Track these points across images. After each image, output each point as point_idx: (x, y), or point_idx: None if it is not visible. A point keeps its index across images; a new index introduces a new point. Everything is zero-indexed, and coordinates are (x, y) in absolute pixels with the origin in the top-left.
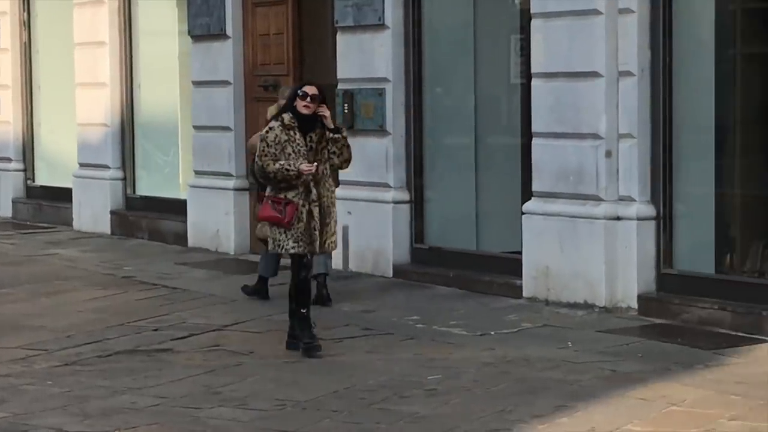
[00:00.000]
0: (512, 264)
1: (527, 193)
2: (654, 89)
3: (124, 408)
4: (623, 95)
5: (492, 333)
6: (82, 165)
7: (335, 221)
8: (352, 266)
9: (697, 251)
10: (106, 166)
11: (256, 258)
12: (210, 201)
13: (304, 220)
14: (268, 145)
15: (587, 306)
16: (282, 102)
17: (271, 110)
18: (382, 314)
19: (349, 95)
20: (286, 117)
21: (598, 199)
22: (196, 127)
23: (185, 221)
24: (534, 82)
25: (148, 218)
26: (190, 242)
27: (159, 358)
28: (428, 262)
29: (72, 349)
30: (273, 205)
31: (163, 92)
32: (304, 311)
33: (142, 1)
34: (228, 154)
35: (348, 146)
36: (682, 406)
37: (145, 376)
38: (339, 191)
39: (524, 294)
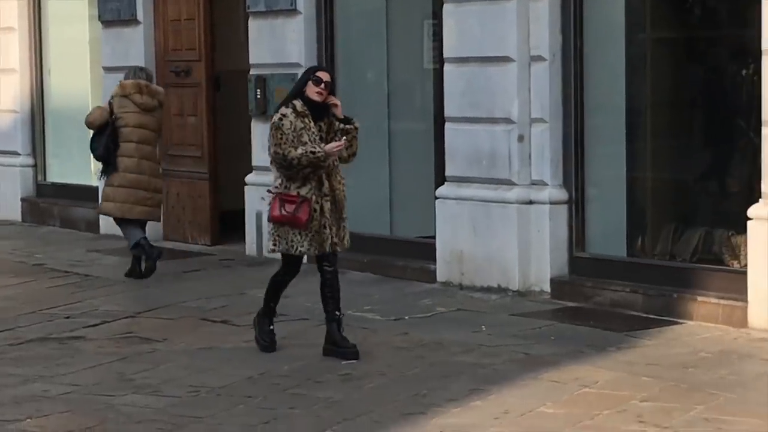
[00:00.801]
0: (426, 249)
1: (440, 178)
2: (565, 73)
3: (36, 396)
4: (535, 79)
5: (406, 317)
6: None
7: (347, 216)
8: (266, 253)
9: (609, 235)
10: (16, 153)
11: (170, 245)
12: None
13: (317, 218)
14: (284, 133)
15: (501, 290)
16: (128, 82)
17: (116, 90)
18: (296, 300)
19: (261, 81)
20: (298, 104)
21: (510, 183)
22: None
23: (97, 208)
24: (446, 67)
25: (59, 205)
26: (102, 229)
27: (71, 346)
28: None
29: None
30: (284, 205)
31: (73, 78)
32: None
33: None
34: None
35: (357, 140)
36: (594, 388)
37: (57, 364)
38: (251, 177)
39: (438, 278)
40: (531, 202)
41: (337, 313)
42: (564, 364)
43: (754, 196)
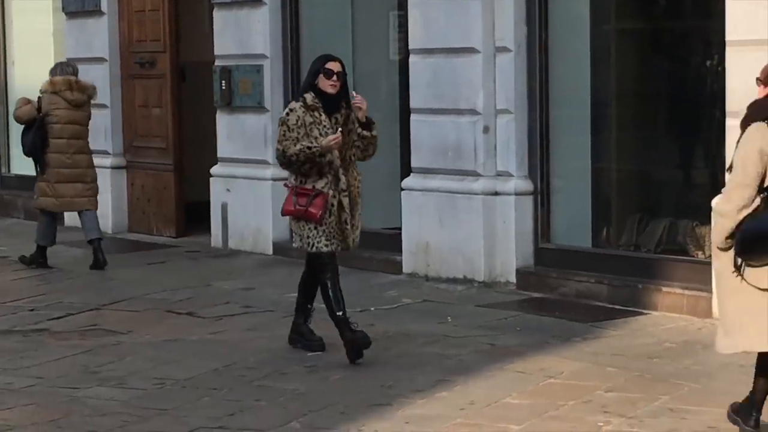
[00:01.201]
0: (392, 240)
1: (406, 169)
2: (530, 65)
3: (0, 389)
4: (500, 71)
5: (372, 309)
6: None
7: (361, 213)
8: (232, 244)
9: (574, 226)
10: None
11: (135, 237)
12: None
13: (336, 213)
14: (289, 129)
15: (466, 281)
16: (58, 79)
17: (45, 87)
18: (262, 292)
19: (226, 72)
20: (309, 97)
21: (476, 174)
22: None
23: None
24: (412, 59)
25: (24, 197)
26: (67, 221)
27: (36, 339)
28: None
29: None
30: (298, 198)
31: (37, 69)
32: (311, 307)
33: None
34: (104, 132)
35: (375, 145)
36: (559, 379)
37: (22, 357)
38: (216, 168)
39: (404, 270)
40: (496, 194)
41: (309, 305)
42: (529, 354)
43: (718, 186)
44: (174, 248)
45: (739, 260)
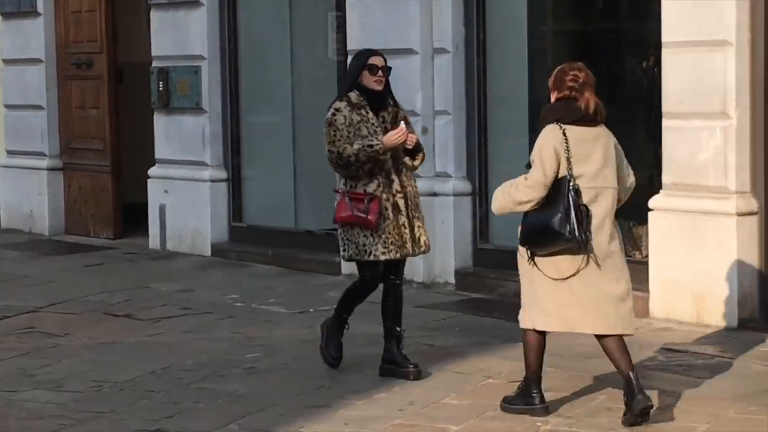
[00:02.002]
0: (331, 241)
1: None
2: (469, 66)
3: None
4: (439, 72)
5: (311, 310)
6: None
7: (423, 216)
8: (170, 246)
9: (513, 226)
10: None
11: (72, 239)
12: (23, 181)
13: (391, 216)
14: (338, 129)
15: (406, 282)
16: None
17: None
18: (200, 293)
19: (164, 73)
20: (354, 95)
21: (415, 175)
22: (7, 106)
23: None
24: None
25: None
26: (4, 223)
27: None
28: (247, 241)
29: None
30: (352, 203)
31: None
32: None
33: None
34: (41, 133)
35: (424, 153)
36: (498, 379)
37: None
38: (154, 170)
39: (343, 271)
40: (435, 194)
41: (397, 329)
42: (469, 355)
43: (655, 187)
44: (111, 250)
45: (527, 250)
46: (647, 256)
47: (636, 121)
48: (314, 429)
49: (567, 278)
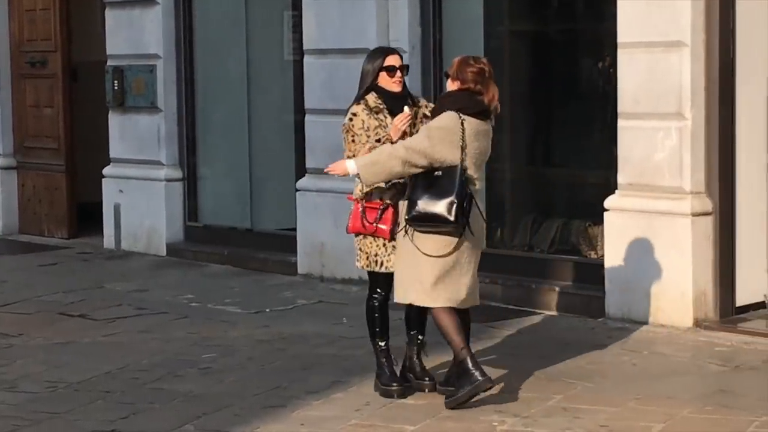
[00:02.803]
0: (287, 241)
1: (301, 170)
2: (425, 65)
3: None
4: None
5: (267, 310)
6: None
7: None
8: (125, 245)
9: None
10: None
11: (26, 238)
12: None
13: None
14: (356, 134)
15: (362, 282)
16: None
17: None
18: (155, 293)
19: (119, 72)
20: (371, 98)
21: None
22: None
23: None
24: (306, 59)
25: None
26: None
27: None
28: (202, 241)
29: None
30: (366, 214)
31: None
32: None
33: None
34: None
35: None
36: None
37: None
38: (109, 169)
39: (299, 271)
40: None
41: (419, 338)
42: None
43: (611, 187)
44: (66, 250)
45: (408, 225)
46: (602, 256)
47: (592, 121)
48: (270, 429)
49: (445, 255)
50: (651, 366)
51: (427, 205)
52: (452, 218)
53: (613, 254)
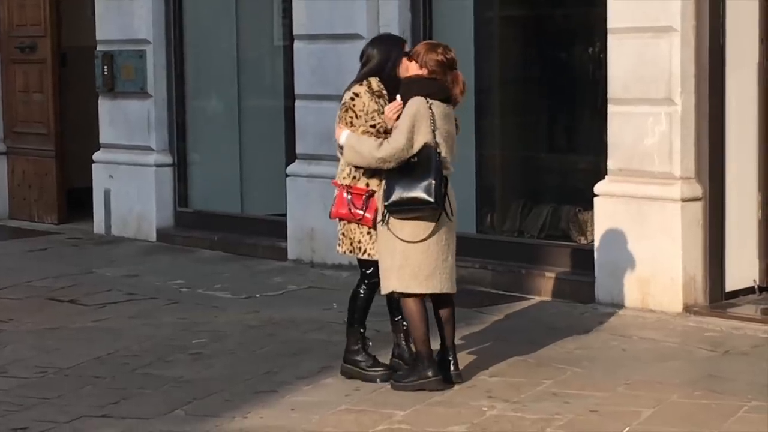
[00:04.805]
0: (277, 226)
1: (291, 156)
2: None
3: None
4: None
5: (257, 296)
6: None
7: None
8: (115, 231)
9: (459, 212)
10: None
11: (16, 224)
12: None
13: None
14: (356, 116)
15: (352, 267)
16: None
17: None
18: (145, 279)
19: (108, 57)
20: (375, 82)
21: None
22: None
23: None
24: (296, 45)
25: None
26: None
27: None
28: (192, 226)
29: None
30: (351, 199)
31: None
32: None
33: None
34: None
35: None
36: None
37: None
38: (99, 154)
39: (289, 256)
40: None
41: (404, 324)
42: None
43: (601, 172)
44: (56, 235)
45: (385, 212)
46: (592, 241)
47: (582, 106)
48: (261, 414)
49: (422, 240)
50: (640, 351)
51: (404, 190)
52: (432, 199)
53: (603, 239)
